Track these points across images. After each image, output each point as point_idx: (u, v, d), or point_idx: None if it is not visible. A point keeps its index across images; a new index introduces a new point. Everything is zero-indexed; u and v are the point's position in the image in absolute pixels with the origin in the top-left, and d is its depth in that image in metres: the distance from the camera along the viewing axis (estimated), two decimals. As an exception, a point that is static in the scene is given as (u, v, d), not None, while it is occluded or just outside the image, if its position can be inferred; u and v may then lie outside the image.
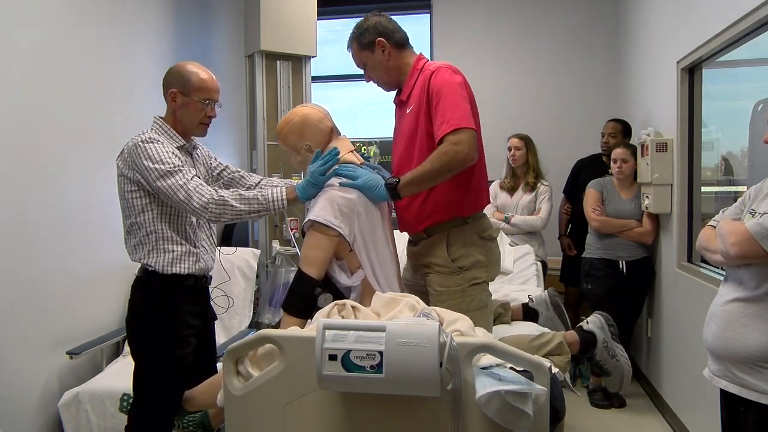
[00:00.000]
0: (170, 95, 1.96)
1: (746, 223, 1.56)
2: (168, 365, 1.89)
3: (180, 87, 1.95)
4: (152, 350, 1.90)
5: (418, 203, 2.09)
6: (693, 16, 2.84)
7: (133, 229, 1.93)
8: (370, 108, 5.40)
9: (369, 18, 2.15)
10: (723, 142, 3.10)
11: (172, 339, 1.91)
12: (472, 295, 2.07)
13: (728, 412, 1.70)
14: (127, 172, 1.89)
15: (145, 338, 1.92)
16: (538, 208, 3.84)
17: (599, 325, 2.12)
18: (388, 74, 2.17)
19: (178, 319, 1.93)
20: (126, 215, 1.94)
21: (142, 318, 1.92)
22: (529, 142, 3.90)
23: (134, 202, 1.90)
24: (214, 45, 4.29)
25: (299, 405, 1.44)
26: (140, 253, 1.92)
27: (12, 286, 2.36)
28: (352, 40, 2.18)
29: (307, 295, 1.90)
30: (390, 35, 2.12)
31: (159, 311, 1.91)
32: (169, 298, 1.92)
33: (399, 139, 2.19)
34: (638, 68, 4.00)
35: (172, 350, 1.90)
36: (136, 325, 1.94)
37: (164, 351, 1.89)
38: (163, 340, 1.90)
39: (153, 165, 1.82)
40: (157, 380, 1.88)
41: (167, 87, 1.97)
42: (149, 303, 1.92)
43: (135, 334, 1.95)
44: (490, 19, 4.91)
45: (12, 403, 2.35)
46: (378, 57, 2.13)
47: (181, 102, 1.96)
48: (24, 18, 2.42)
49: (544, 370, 1.34)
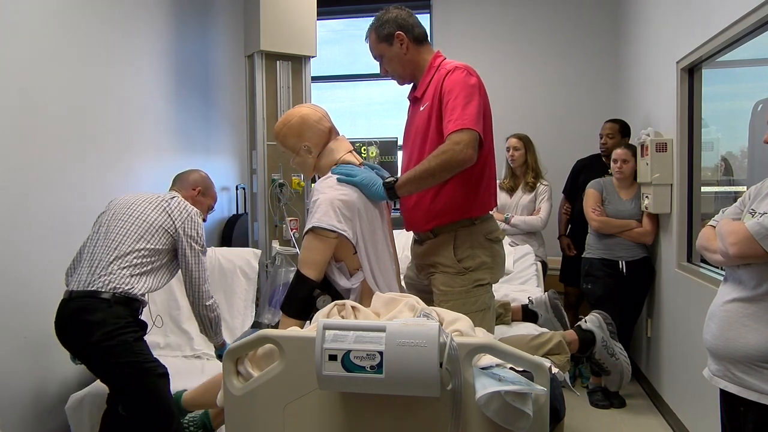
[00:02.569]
0: (195, 191, 2.46)
1: (746, 223, 1.56)
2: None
3: (204, 189, 2.49)
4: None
5: (427, 202, 2.09)
6: (693, 16, 2.84)
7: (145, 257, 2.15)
8: (370, 108, 5.40)
9: (390, 10, 2.15)
10: (723, 142, 3.10)
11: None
12: (476, 296, 2.07)
13: (728, 412, 1.70)
14: (170, 227, 2.21)
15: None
16: (537, 208, 3.84)
17: (598, 324, 2.13)
18: (403, 68, 2.17)
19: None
20: (145, 241, 2.16)
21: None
22: (528, 142, 3.89)
23: (164, 244, 2.21)
24: (214, 45, 4.29)
25: (299, 405, 1.44)
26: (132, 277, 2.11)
27: (12, 285, 2.35)
28: (371, 30, 2.17)
29: (306, 296, 1.91)
30: (409, 29, 2.12)
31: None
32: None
33: (411, 135, 2.19)
34: (638, 68, 4.00)
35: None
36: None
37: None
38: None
39: (198, 243, 2.26)
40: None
41: (193, 184, 2.47)
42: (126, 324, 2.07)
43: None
44: (490, 19, 4.91)
45: (11, 404, 2.35)
46: (396, 50, 2.13)
47: (199, 199, 2.46)
48: (23, 17, 2.42)
49: (544, 371, 1.34)
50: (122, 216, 2.20)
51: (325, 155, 2.10)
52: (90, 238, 2.23)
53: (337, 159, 2.09)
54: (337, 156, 2.09)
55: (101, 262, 2.09)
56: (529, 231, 3.86)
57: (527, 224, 3.82)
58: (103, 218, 2.25)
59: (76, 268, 2.19)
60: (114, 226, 2.17)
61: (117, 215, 2.21)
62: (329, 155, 2.10)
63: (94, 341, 1.96)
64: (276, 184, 3.69)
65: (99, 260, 2.10)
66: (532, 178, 3.87)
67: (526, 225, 3.82)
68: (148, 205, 2.23)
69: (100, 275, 2.05)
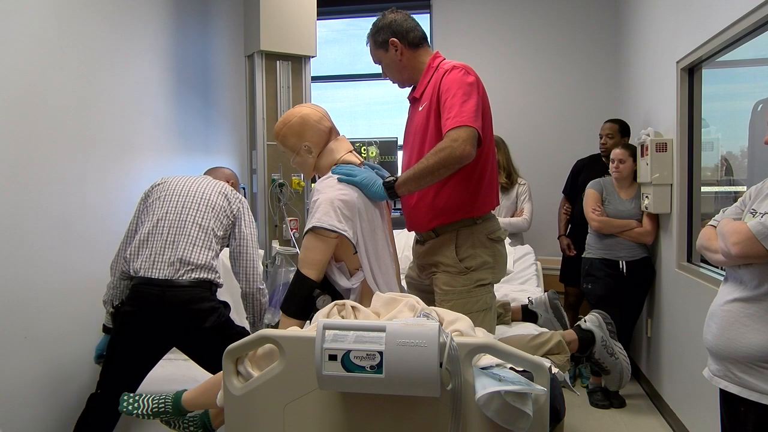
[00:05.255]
0: (230, 184, 2.53)
1: (748, 222, 1.56)
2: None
3: (235, 183, 2.66)
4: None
5: (428, 202, 2.09)
6: (693, 16, 2.84)
7: (215, 242, 2.28)
8: (371, 108, 5.40)
9: (386, 16, 2.15)
10: (723, 142, 3.10)
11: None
12: (477, 296, 2.07)
13: (728, 412, 1.70)
14: (229, 212, 2.33)
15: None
16: (520, 209, 3.85)
17: (597, 323, 2.13)
18: (400, 73, 2.18)
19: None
20: (216, 225, 2.29)
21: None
22: (498, 143, 3.81)
23: (226, 230, 2.33)
24: (214, 45, 4.28)
25: (299, 405, 1.44)
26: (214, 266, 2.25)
27: (11, 284, 2.35)
28: (369, 37, 2.19)
29: (306, 296, 1.91)
30: (404, 35, 2.12)
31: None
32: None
33: (410, 135, 2.19)
34: (638, 68, 4.00)
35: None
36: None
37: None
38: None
39: (252, 230, 2.36)
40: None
41: (227, 177, 2.60)
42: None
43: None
44: (490, 19, 4.91)
45: (11, 403, 2.35)
46: (391, 56, 2.14)
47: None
48: (23, 16, 2.42)
49: (544, 371, 1.34)
50: (191, 202, 2.29)
51: (326, 155, 2.10)
52: (160, 220, 2.27)
53: (338, 159, 2.09)
54: (338, 156, 2.09)
55: (186, 248, 2.20)
56: (513, 232, 3.86)
57: (512, 226, 3.83)
58: (167, 202, 2.31)
59: (151, 253, 2.22)
60: (189, 210, 2.27)
61: (185, 201, 2.30)
62: (329, 155, 2.10)
63: (208, 327, 2.14)
64: (276, 184, 3.69)
65: (183, 247, 2.20)
66: (506, 178, 3.88)
67: (511, 226, 3.83)
68: (210, 188, 2.34)
69: (191, 264, 2.18)
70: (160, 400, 1.91)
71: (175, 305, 2.13)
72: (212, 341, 2.14)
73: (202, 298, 2.17)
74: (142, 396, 1.92)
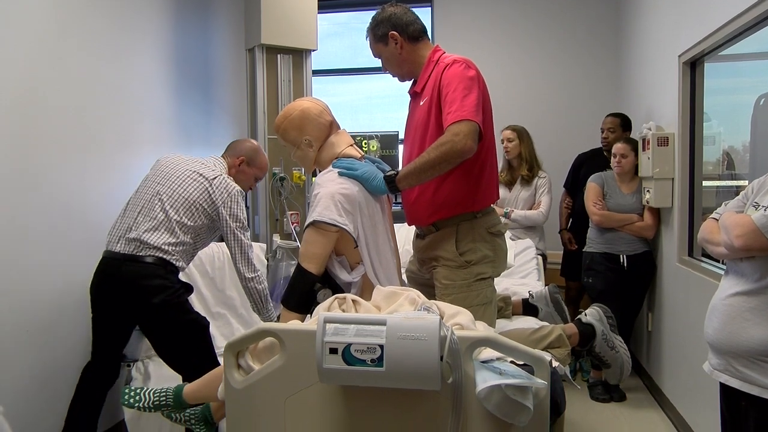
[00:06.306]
0: (238, 161, 2.58)
1: (752, 215, 1.56)
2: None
3: (248, 159, 2.60)
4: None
5: (428, 196, 2.09)
6: (695, 9, 2.83)
7: (179, 230, 2.32)
8: (372, 102, 5.39)
9: (385, 9, 2.14)
10: (725, 136, 3.09)
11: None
12: (478, 290, 2.07)
13: (728, 406, 1.70)
14: (214, 200, 2.36)
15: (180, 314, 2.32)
16: (537, 202, 3.81)
17: (598, 317, 2.13)
18: (400, 67, 2.17)
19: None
20: (186, 216, 2.34)
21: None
22: (522, 134, 3.84)
23: (201, 221, 2.36)
24: (215, 38, 4.27)
25: (300, 398, 1.44)
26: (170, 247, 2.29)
27: (12, 280, 2.36)
28: (368, 31, 2.18)
29: (307, 290, 1.91)
30: (403, 28, 2.11)
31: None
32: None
33: (411, 130, 2.19)
34: (640, 62, 3.98)
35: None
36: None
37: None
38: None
39: (239, 222, 2.40)
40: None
41: (238, 153, 2.60)
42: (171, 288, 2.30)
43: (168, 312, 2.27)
44: (491, 13, 4.89)
45: (15, 398, 2.36)
46: (391, 50, 2.13)
47: (243, 168, 2.59)
48: (23, 15, 2.41)
49: (544, 364, 1.34)
50: (167, 189, 2.36)
51: (326, 149, 2.09)
52: (132, 199, 2.42)
53: (338, 153, 2.09)
54: (338, 150, 2.09)
55: (148, 230, 2.29)
56: (529, 225, 3.84)
57: (528, 219, 3.79)
58: (149, 181, 2.43)
59: (118, 230, 2.37)
60: (162, 196, 2.34)
61: (163, 184, 2.37)
62: (330, 149, 2.09)
63: (156, 303, 2.22)
64: (277, 178, 3.69)
65: (144, 228, 2.29)
66: (527, 170, 3.83)
67: (527, 220, 3.80)
68: (192, 182, 2.38)
69: (147, 244, 2.27)
70: (162, 393, 1.91)
71: (127, 279, 2.24)
72: (161, 320, 2.27)
73: (155, 275, 2.25)
74: (144, 389, 1.93)
